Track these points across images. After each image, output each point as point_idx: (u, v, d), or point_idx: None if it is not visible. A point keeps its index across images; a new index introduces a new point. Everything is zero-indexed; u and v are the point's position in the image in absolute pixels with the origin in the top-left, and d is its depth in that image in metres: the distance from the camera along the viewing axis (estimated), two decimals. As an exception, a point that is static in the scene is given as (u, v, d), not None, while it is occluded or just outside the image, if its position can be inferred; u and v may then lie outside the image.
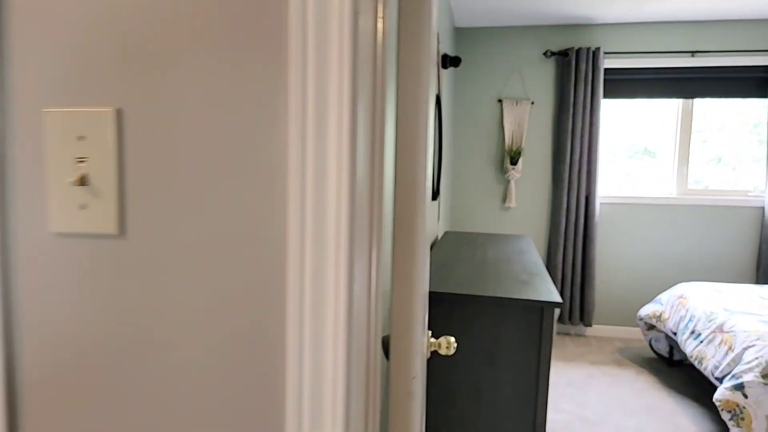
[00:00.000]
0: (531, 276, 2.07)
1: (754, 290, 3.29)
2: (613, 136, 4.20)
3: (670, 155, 4.11)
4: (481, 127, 4.23)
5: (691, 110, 4.01)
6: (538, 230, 4.23)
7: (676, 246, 4.07)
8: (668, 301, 3.49)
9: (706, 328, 2.92)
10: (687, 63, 3.89)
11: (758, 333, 2.53)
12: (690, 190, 4.07)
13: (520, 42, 4.11)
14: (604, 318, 4.23)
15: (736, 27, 3.83)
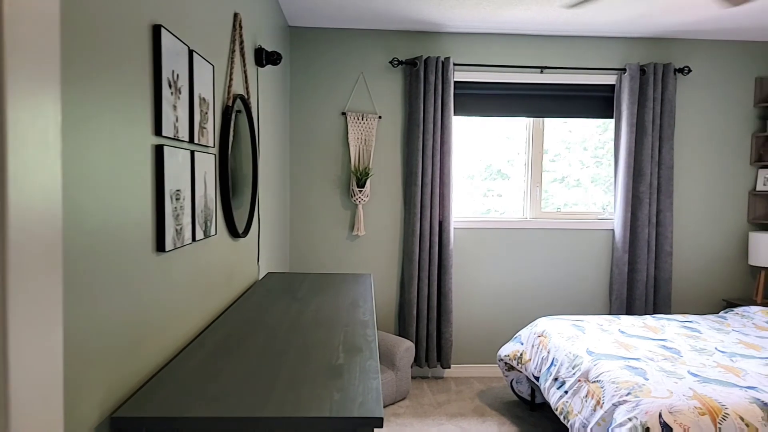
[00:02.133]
0: (352, 355, 1.44)
1: (613, 324, 3.05)
2: (466, 156, 3.85)
3: (523, 177, 3.86)
4: (323, 144, 3.62)
5: (542, 129, 3.80)
6: (390, 260, 3.71)
7: (533, 272, 3.80)
8: (528, 339, 3.13)
9: (570, 375, 2.55)
10: (536, 79, 3.67)
11: (628, 385, 2.18)
12: (544, 213, 3.85)
13: (364, 47, 3.59)
14: (464, 356, 3.81)
15: (583, 44, 3.70)
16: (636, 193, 3.67)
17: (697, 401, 2.01)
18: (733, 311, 3.35)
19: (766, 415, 1.94)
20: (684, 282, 3.85)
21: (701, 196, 3.82)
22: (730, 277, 3.86)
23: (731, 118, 3.78)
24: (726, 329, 2.97)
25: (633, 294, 3.71)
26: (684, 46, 3.72)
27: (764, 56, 3.76)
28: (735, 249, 3.85)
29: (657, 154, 3.64)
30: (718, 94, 3.76)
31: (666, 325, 3.04)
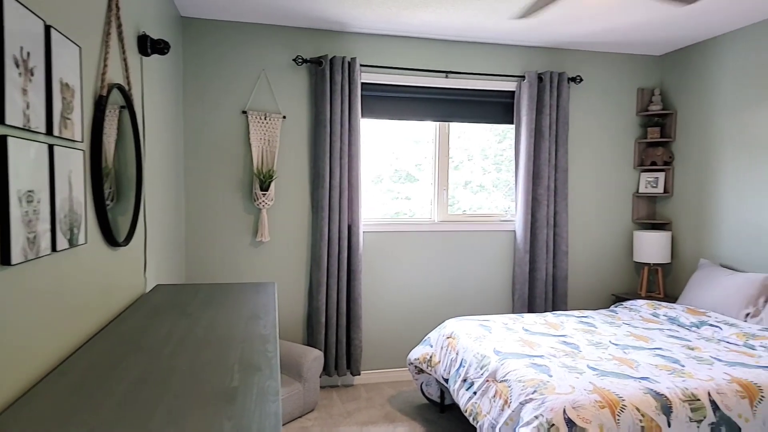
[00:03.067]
0: (249, 375, 1.29)
1: (517, 322, 3.12)
2: (375, 158, 3.79)
3: (431, 180, 3.88)
4: (223, 145, 3.38)
5: (448, 133, 3.84)
6: (297, 267, 3.54)
7: (441, 273, 3.82)
8: (438, 341, 3.12)
9: (478, 376, 2.56)
10: (442, 83, 3.70)
11: (533, 383, 2.21)
12: (451, 215, 3.89)
13: (266, 43, 3.41)
14: (374, 362, 3.74)
15: (486, 51, 3.79)
16: (535, 195, 3.81)
17: (597, 395, 2.07)
18: (622, 305, 3.58)
19: (659, 404, 2.05)
20: (578, 279, 4.07)
21: (592, 198, 4.06)
22: (618, 273, 4.14)
23: (617, 125, 4.07)
24: (617, 323, 3.15)
25: (534, 292, 3.85)
26: (576, 57, 3.95)
27: (645, 68, 4.08)
28: (621, 247, 4.14)
29: (554, 158, 3.82)
30: (606, 103, 4.03)
31: (565, 321, 3.16)
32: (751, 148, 3.35)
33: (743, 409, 2.10)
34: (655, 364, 2.41)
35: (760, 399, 2.13)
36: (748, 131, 3.37)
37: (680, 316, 3.15)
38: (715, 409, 2.09)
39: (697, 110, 3.76)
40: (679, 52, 3.92)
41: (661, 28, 3.44)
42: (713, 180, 3.64)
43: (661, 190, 4.00)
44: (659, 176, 4.02)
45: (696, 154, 3.78)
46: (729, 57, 3.50)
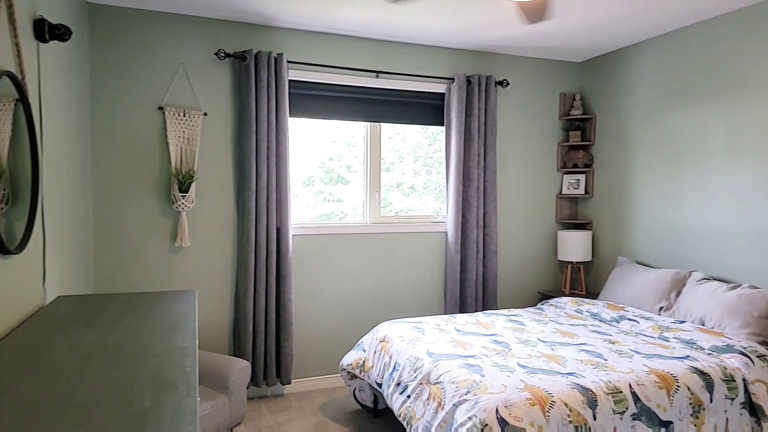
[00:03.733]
0: (163, 394, 1.15)
1: (450, 323, 3.12)
2: (305, 159, 3.68)
3: (362, 181, 3.82)
4: (137, 143, 3.13)
5: (380, 134, 3.80)
6: (222, 273, 3.35)
7: (374, 276, 3.77)
8: (371, 345, 3.06)
9: (412, 379, 2.52)
10: (372, 83, 3.66)
11: (466, 384, 2.19)
12: (383, 217, 3.85)
13: (184, 35, 3.20)
14: (306, 370, 3.61)
15: (416, 52, 3.78)
16: (465, 196, 3.85)
17: (528, 393, 2.09)
18: (549, 303, 3.69)
19: (585, 398, 2.10)
20: (507, 278, 4.16)
21: (519, 199, 4.17)
22: (543, 272, 4.28)
23: (542, 128, 4.21)
24: (544, 320, 3.23)
25: (465, 292, 3.89)
26: (503, 61, 4.04)
27: (566, 74, 4.25)
28: (547, 246, 4.28)
29: (483, 160, 3.88)
30: (531, 107, 4.16)
31: (495, 320, 3.21)
32: (664, 152, 3.57)
33: (661, 399, 2.20)
34: (580, 359, 2.48)
35: (676, 389, 2.24)
36: (661, 135, 3.59)
37: (601, 312, 3.28)
38: (636, 400, 2.17)
39: (615, 115, 3.97)
40: (597, 59, 4.12)
41: (580, 36, 3.59)
42: (629, 181, 3.85)
43: (583, 192, 4.17)
44: (580, 178, 4.19)
45: (614, 157, 3.98)
46: (643, 65, 3.72)
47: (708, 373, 2.34)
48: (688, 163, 3.39)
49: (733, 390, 2.33)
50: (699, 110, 3.31)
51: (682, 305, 3.09)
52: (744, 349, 2.49)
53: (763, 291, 2.78)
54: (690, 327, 2.83)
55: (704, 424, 2.25)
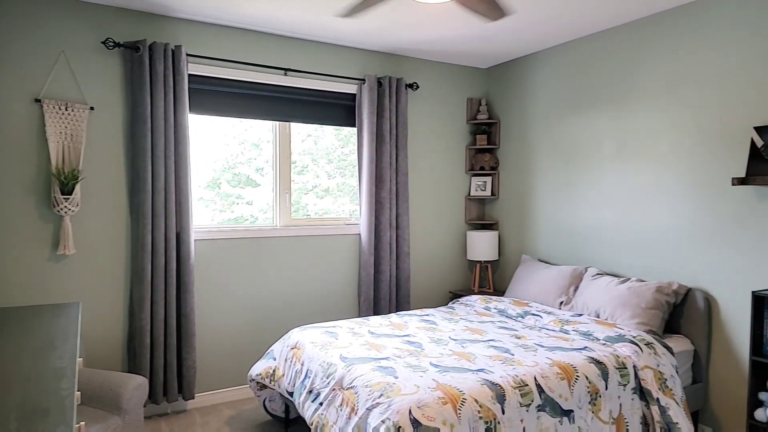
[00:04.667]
0: (31, 423, 0.99)
1: (363, 326, 3.08)
2: (210, 161, 3.47)
3: (272, 183, 3.67)
4: (8, 139, 2.78)
5: (289, 134, 3.68)
6: (113, 283, 3.06)
7: (286, 281, 3.63)
8: (282, 353, 2.93)
9: (324, 385, 2.43)
10: (280, 81, 3.53)
11: (380, 387, 2.15)
12: (294, 220, 3.73)
13: (66, 21, 2.89)
14: (211, 382, 3.40)
15: (326, 51, 3.71)
16: (378, 198, 3.84)
17: (440, 392, 2.09)
18: (459, 301, 3.77)
19: (494, 393, 2.13)
20: (419, 278, 4.20)
21: (430, 201, 4.23)
22: (454, 271, 4.38)
23: (451, 131, 4.30)
24: (455, 318, 3.28)
25: (379, 294, 3.87)
26: (413, 64, 4.08)
27: (473, 79, 4.39)
28: (457, 246, 4.38)
29: (395, 162, 3.89)
30: (440, 110, 4.24)
31: (408, 320, 3.21)
32: (562, 155, 3.78)
33: (563, 390, 2.30)
34: (489, 355, 2.54)
35: (576, 379, 2.35)
36: (560, 139, 3.80)
37: (508, 308, 3.40)
38: (541, 392, 2.24)
39: (518, 120, 4.15)
40: (501, 66, 4.29)
41: (485, 43, 3.71)
42: (532, 183, 4.04)
43: (489, 193, 4.32)
44: (487, 180, 4.34)
45: (517, 160, 4.16)
46: (543, 72, 3.92)
47: (603, 362, 2.49)
48: (583, 166, 3.61)
49: (625, 377, 2.49)
50: (592, 116, 3.54)
51: (580, 299, 3.27)
52: (634, 338, 2.68)
53: (648, 284, 3.01)
54: (587, 319, 3.00)
55: (601, 410, 2.38)
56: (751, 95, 2.69)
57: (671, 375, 2.59)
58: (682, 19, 2.99)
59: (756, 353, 2.48)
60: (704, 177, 2.91)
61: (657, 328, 2.88)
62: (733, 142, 2.77)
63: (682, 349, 2.86)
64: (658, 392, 2.51)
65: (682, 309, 2.99)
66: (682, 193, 3.02)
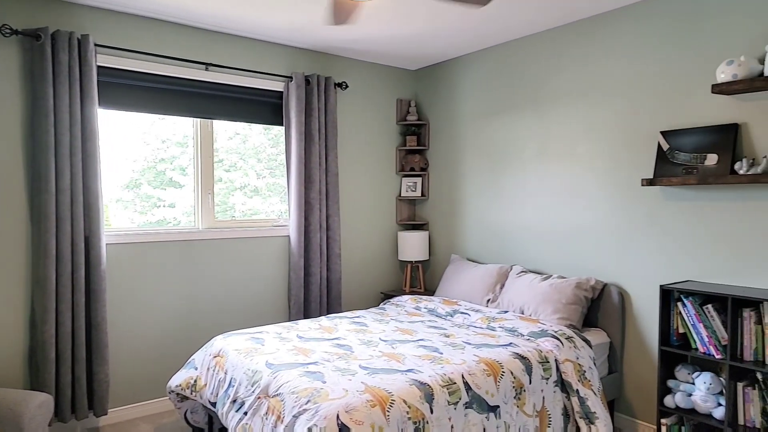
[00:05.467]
0: None
1: (292, 330, 2.98)
2: (128, 159, 3.24)
3: (194, 183, 3.50)
4: None
5: (212, 132, 3.52)
6: (12, 294, 2.78)
7: (210, 287, 3.46)
8: (204, 362, 2.78)
9: (249, 394, 2.33)
10: (201, 76, 3.37)
11: (307, 393, 2.08)
12: (218, 222, 3.56)
13: (-44, 2, 2.60)
14: (127, 396, 3.18)
15: (251, 46, 3.58)
16: (308, 199, 3.76)
17: (369, 394, 2.05)
18: (390, 302, 3.76)
19: (423, 393, 2.13)
20: (351, 280, 4.16)
21: (361, 201, 4.20)
22: (386, 272, 4.37)
23: (381, 132, 4.29)
24: (386, 319, 3.26)
25: (309, 297, 3.78)
26: (342, 63, 4.04)
27: (402, 81, 4.40)
28: (388, 247, 4.38)
29: (324, 162, 3.82)
30: (371, 110, 4.22)
31: (339, 323, 3.15)
32: (488, 156, 3.87)
33: (489, 386, 2.33)
34: (418, 355, 2.53)
35: (501, 375, 2.40)
36: (486, 141, 3.89)
37: (437, 307, 3.43)
38: (468, 389, 2.26)
39: (446, 122, 4.21)
40: (430, 68, 4.34)
41: (413, 44, 3.73)
42: (460, 184, 4.11)
43: (419, 194, 4.35)
44: (417, 181, 4.37)
45: (446, 161, 4.22)
46: (469, 75, 4.00)
47: (527, 357, 2.55)
48: (508, 167, 3.72)
49: (548, 370, 2.57)
50: (516, 119, 3.65)
51: (506, 296, 3.36)
52: (555, 333, 2.77)
53: (569, 280, 3.14)
54: (512, 316, 3.08)
55: (525, 404, 2.44)
56: (657, 101, 2.87)
57: (589, 367, 2.70)
58: (596, 28, 3.14)
59: (664, 343, 2.64)
60: (617, 178, 3.07)
61: (576, 323, 3.01)
62: (643, 146, 2.95)
63: (599, 341, 3.00)
64: (578, 384, 2.61)
65: (599, 303, 3.14)
66: (597, 193, 3.17)
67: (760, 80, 2.34)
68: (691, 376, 2.61)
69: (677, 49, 2.78)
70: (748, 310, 2.38)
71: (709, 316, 2.48)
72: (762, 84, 2.34)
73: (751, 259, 2.54)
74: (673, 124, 2.81)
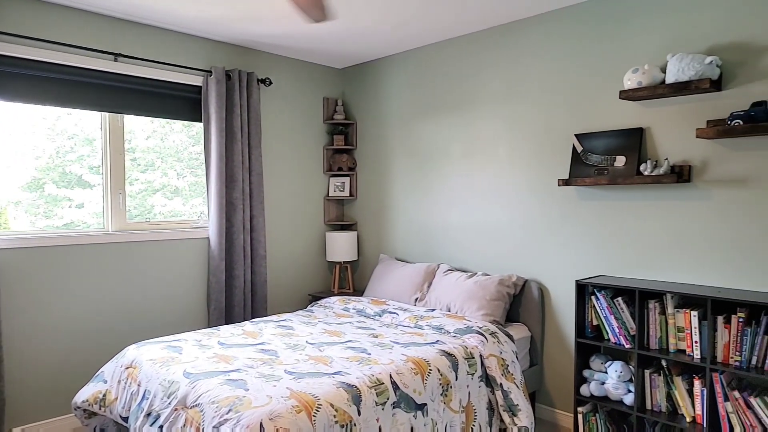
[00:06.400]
0: None
1: (213, 337, 2.84)
2: (26, 155, 2.95)
3: (103, 182, 3.25)
4: None
5: (122, 128, 3.29)
6: None
7: (122, 293, 3.23)
8: (114, 374, 2.59)
9: (165, 406, 2.19)
10: (110, 67, 3.14)
11: (228, 402, 1.98)
12: (130, 224, 3.33)
13: None
14: (26, 416, 2.89)
15: (166, 37, 3.38)
16: (230, 199, 3.61)
17: (294, 400, 1.99)
18: (318, 303, 3.69)
19: (350, 396, 2.09)
20: (277, 282, 4.04)
21: (287, 202, 4.10)
22: (313, 274, 4.29)
23: (308, 131, 4.21)
24: (314, 321, 3.20)
25: (232, 301, 3.63)
26: (266, 59, 3.92)
27: (329, 79, 4.35)
28: (316, 248, 4.30)
29: (247, 160, 3.69)
30: (296, 109, 4.13)
31: (264, 327, 3.05)
32: (415, 156, 3.90)
33: (417, 385, 2.34)
34: (346, 356, 2.49)
35: (429, 373, 2.41)
36: (413, 141, 3.92)
37: (366, 308, 3.41)
38: (396, 388, 2.25)
39: (374, 121, 4.20)
40: (357, 67, 4.31)
41: (338, 43, 3.69)
42: (388, 184, 4.11)
43: (348, 194, 4.32)
44: (345, 181, 4.33)
45: (374, 161, 4.21)
46: (396, 75, 4.02)
47: (453, 354, 2.59)
48: (435, 167, 3.77)
49: (473, 366, 2.63)
50: (441, 120, 3.71)
51: (433, 295, 3.40)
52: (480, 329, 2.84)
53: (492, 277, 3.23)
54: (439, 314, 3.12)
55: (452, 401, 2.47)
56: (572, 106, 3.02)
57: (512, 361, 2.79)
58: (514, 34, 3.26)
59: (580, 335, 2.78)
60: (536, 179, 3.20)
61: (500, 318, 3.10)
62: (560, 148, 3.09)
63: (521, 335, 3.11)
64: (502, 378, 2.69)
65: (520, 299, 3.26)
66: (518, 193, 3.29)
67: (662, 87, 2.52)
68: (604, 366, 2.76)
69: (589, 57, 2.94)
70: (653, 301, 2.55)
71: (619, 308, 2.63)
72: (664, 91, 2.52)
73: (655, 254, 2.73)
74: (587, 128, 2.97)
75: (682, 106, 2.61)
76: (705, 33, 2.53)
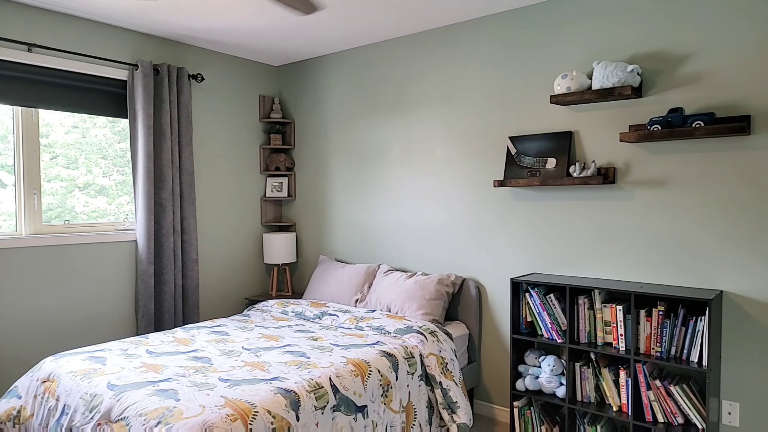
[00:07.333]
0: None
1: (140, 345, 2.68)
2: None
3: (15, 181, 2.99)
4: None
5: (37, 123, 3.04)
6: None
7: (38, 304, 2.98)
8: (29, 389, 2.39)
9: (87, 421, 2.03)
10: (23, 58, 2.89)
11: (157, 414, 1.87)
12: (47, 227, 3.09)
13: None
14: (-74, 442, 2.60)
15: (87, 27, 3.16)
16: (158, 200, 3.43)
17: (229, 408, 1.90)
18: (255, 307, 3.58)
19: (288, 401, 2.03)
20: (210, 287, 3.89)
21: (222, 202, 3.95)
22: (250, 277, 4.16)
23: (243, 129, 4.08)
24: (250, 326, 3.10)
25: (161, 307, 3.45)
26: (197, 54, 3.76)
27: (265, 77, 4.24)
28: (252, 250, 4.18)
29: (177, 159, 3.52)
30: (230, 106, 3.99)
31: (196, 334, 2.91)
32: (355, 157, 3.88)
33: (357, 387, 2.31)
34: (284, 361, 2.43)
35: (369, 374, 2.39)
36: (352, 141, 3.89)
37: (305, 311, 3.34)
38: (336, 392, 2.22)
39: (312, 120, 4.14)
40: (294, 65, 4.23)
41: (274, 40, 3.60)
42: (328, 184, 4.06)
43: (286, 194, 4.22)
44: (283, 181, 4.23)
45: (313, 161, 4.15)
46: (335, 74, 3.97)
47: (394, 354, 2.59)
48: (373, 167, 3.76)
49: (413, 365, 2.63)
50: (381, 120, 3.71)
51: (374, 295, 3.39)
52: (420, 328, 2.85)
53: (431, 277, 3.26)
54: (380, 314, 3.11)
55: (392, 401, 2.46)
56: (506, 109, 3.11)
57: (451, 359, 2.82)
58: (452, 37, 3.31)
59: (515, 332, 2.86)
60: (472, 180, 3.26)
61: (439, 317, 3.13)
62: (495, 149, 3.17)
63: (460, 333, 3.16)
64: (441, 376, 2.71)
65: (459, 297, 3.31)
66: (455, 193, 3.34)
67: (589, 93, 2.64)
68: (538, 360, 2.86)
69: (522, 61, 3.04)
70: (582, 297, 2.67)
71: (551, 305, 2.73)
72: (590, 96, 2.64)
73: (584, 251, 2.86)
74: (520, 130, 3.06)
75: (607, 111, 2.75)
76: (627, 42, 2.68)
